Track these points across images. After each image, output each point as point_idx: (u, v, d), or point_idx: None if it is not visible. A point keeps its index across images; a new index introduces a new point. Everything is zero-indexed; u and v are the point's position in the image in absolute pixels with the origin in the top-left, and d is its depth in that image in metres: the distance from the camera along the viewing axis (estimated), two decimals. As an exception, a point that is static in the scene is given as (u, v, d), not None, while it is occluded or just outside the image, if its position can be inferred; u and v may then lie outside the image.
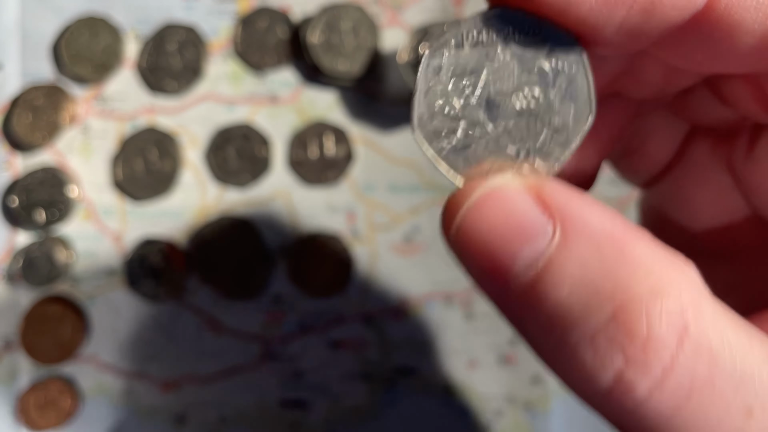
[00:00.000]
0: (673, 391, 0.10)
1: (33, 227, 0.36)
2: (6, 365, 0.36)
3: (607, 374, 0.10)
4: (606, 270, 0.10)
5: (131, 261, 0.36)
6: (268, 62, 0.36)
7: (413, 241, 0.36)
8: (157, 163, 0.35)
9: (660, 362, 0.10)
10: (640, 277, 0.10)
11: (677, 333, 0.10)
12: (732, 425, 0.10)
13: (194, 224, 0.36)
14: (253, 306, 0.36)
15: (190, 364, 0.36)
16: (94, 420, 0.36)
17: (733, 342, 0.10)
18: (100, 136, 0.36)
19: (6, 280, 0.36)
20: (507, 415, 0.36)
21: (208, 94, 0.36)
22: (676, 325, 0.10)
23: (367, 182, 0.36)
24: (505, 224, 0.11)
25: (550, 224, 0.10)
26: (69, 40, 0.36)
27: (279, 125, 0.36)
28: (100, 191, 0.36)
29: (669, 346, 0.10)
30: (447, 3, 0.36)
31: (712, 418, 0.10)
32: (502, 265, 0.11)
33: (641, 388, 0.10)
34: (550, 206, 0.11)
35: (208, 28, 0.36)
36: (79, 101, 0.36)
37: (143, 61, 0.36)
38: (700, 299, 0.10)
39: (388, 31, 0.36)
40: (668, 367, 0.10)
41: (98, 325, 0.36)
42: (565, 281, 0.10)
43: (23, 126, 0.35)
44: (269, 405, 0.36)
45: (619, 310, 0.10)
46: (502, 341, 0.36)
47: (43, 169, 0.35)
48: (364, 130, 0.36)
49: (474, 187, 0.11)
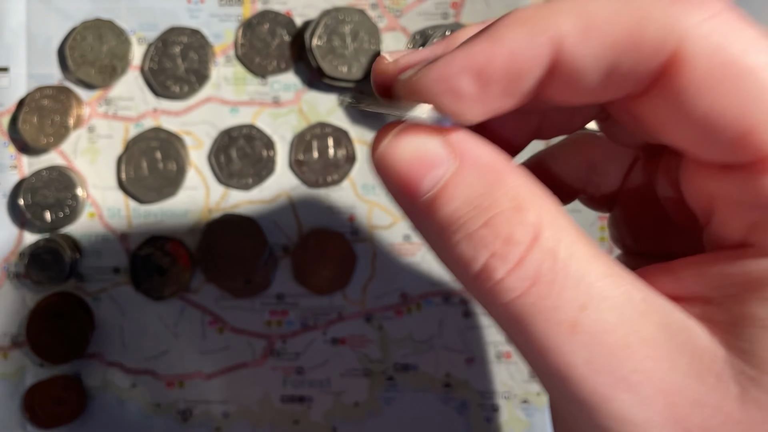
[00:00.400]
0: (520, 279, 0.13)
1: (39, 227, 0.36)
2: (13, 362, 0.37)
3: (477, 263, 0.13)
4: (485, 191, 0.14)
5: (136, 260, 0.36)
6: (270, 65, 0.36)
7: (413, 240, 0.37)
8: (161, 164, 0.36)
9: (513, 256, 0.13)
10: (509, 197, 0.13)
11: (530, 237, 0.13)
12: (567, 314, 0.13)
13: (198, 224, 0.37)
14: (256, 304, 0.37)
15: (194, 361, 0.37)
16: (100, 416, 0.37)
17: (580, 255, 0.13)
18: (105, 137, 0.37)
19: (13, 278, 0.37)
20: (504, 411, 0.37)
21: (212, 96, 0.37)
22: (529, 232, 0.13)
23: (367, 182, 0.37)
24: (416, 155, 0.14)
25: (452, 157, 0.14)
26: (74, 43, 0.36)
27: (281, 127, 0.37)
28: (105, 191, 0.37)
29: (522, 245, 0.13)
30: (446, 7, 0.36)
31: (549, 305, 0.13)
32: (412, 186, 0.14)
33: (498, 273, 0.13)
34: (452, 144, 0.14)
35: (211, 31, 0.37)
36: (85, 103, 0.37)
37: (148, 64, 0.36)
38: (556, 219, 0.14)
39: (389, 34, 0.36)
40: (519, 261, 0.13)
41: (104, 323, 0.37)
42: (456, 198, 0.14)
43: (30, 127, 0.36)
44: (272, 401, 0.37)
45: (491, 219, 0.13)
46: (499, 339, 0.37)
47: (50, 170, 0.36)
48: (364, 132, 0.37)
49: (397, 125, 0.14)
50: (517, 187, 0.14)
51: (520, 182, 0.14)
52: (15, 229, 0.37)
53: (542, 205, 0.14)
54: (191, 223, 0.37)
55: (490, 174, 0.14)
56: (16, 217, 0.37)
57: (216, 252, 0.36)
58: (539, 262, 0.13)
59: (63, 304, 0.36)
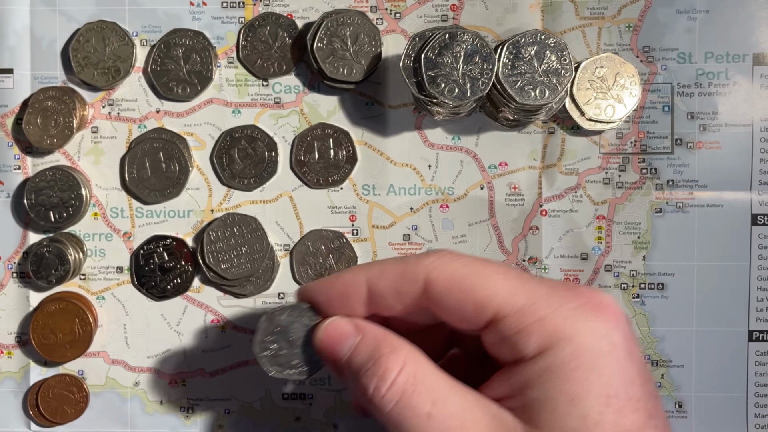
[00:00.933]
0: (396, 392, 0.22)
1: (44, 226, 0.37)
2: (17, 361, 0.37)
3: (371, 388, 0.22)
4: (375, 346, 0.23)
5: (139, 259, 0.37)
6: (272, 67, 0.37)
7: (413, 240, 0.37)
8: (164, 165, 0.37)
9: (389, 379, 0.22)
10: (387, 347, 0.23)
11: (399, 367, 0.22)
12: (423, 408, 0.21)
13: (201, 224, 0.37)
14: (257, 303, 0.37)
15: (196, 359, 0.37)
16: (103, 414, 0.37)
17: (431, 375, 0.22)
18: (108, 138, 0.37)
19: (17, 277, 0.37)
20: (503, 408, 0.37)
21: (214, 97, 0.37)
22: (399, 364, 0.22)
23: (367, 183, 0.37)
24: (336, 334, 0.24)
25: (358, 334, 0.24)
26: (78, 45, 0.37)
27: (283, 128, 0.37)
28: (108, 192, 0.37)
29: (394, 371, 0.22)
30: (446, 10, 0.37)
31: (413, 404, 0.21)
32: (336, 352, 0.24)
33: (381, 391, 0.22)
34: (357, 326, 0.24)
35: (214, 33, 0.37)
36: (89, 105, 0.37)
37: (151, 66, 0.37)
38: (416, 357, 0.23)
39: (389, 37, 0.37)
40: (393, 381, 0.22)
41: (107, 322, 0.37)
42: (360, 354, 0.23)
43: (34, 128, 0.36)
44: (273, 399, 0.37)
45: (377, 360, 0.22)
46: (498, 337, 0.37)
47: (53, 170, 0.36)
48: (364, 133, 0.37)
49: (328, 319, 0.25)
50: (393, 342, 0.23)
51: (395, 339, 0.23)
52: (19, 228, 0.37)
53: (408, 349, 0.23)
54: (194, 223, 0.37)
55: (377, 338, 0.23)
56: (20, 217, 0.37)
57: (218, 252, 0.36)
58: (405, 380, 0.22)
59: (67, 302, 0.36)
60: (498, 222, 0.37)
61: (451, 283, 0.23)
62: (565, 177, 0.37)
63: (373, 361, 0.22)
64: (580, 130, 0.37)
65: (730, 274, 0.37)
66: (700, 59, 0.37)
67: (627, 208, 0.37)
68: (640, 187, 0.37)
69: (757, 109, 0.36)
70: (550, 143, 0.37)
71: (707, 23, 0.36)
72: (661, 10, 0.37)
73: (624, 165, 0.37)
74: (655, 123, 0.37)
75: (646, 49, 0.37)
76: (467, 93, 0.32)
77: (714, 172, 0.37)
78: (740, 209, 0.37)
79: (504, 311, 0.22)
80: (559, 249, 0.37)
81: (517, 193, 0.37)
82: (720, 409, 0.37)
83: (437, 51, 0.32)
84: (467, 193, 0.37)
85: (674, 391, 0.37)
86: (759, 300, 0.37)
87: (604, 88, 0.35)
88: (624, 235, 0.37)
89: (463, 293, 0.22)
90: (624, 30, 0.37)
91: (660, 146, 0.37)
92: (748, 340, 0.37)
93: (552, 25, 0.37)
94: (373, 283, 0.24)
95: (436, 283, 0.23)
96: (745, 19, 0.36)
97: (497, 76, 0.32)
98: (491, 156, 0.37)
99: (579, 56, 0.36)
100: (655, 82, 0.37)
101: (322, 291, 0.25)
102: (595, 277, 0.37)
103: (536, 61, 0.32)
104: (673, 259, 0.37)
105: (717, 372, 0.37)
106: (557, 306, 0.22)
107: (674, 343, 0.37)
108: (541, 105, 0.33)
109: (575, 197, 0.37)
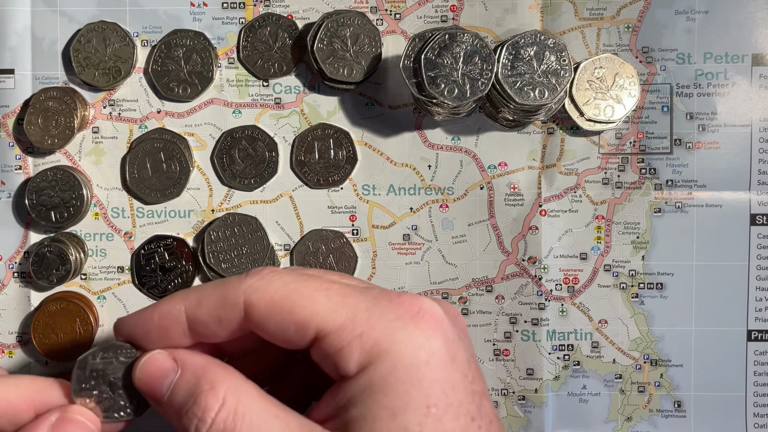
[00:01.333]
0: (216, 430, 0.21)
1: (45, 226, 0.37)
2: (18, 361, 0.37)
3: (192, 425, 0.21)
4: (196, 382, 0.21)
5: (140, 259, 0.37)
6: (272, 68, 0.37)
7: (413, 240, 0.37)
8: (165, 165, 0.37)
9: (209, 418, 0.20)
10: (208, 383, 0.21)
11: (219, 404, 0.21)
12: None
13: (201, 224, 0.37)
14: (258, 302, 0.37)
15: (197, 359, 0.37)
16: (104, 413, 0.37)
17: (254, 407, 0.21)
18: (109, 138, 0.37)
19: (18, 277, 0.37)
20: (502, 407, 0.37)
21: (215, 98, 0.37)
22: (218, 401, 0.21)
23: (367, 183, 0.37)
24: (155, 371, 0.22)
25: (176, 367, 0.22)
26: (79, 45, 0.37)
27: (283, 128, 0.37)
28: (109, 192, 0.37)
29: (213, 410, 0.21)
30: (445, 10, 0.37)
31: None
32: (156, 391, 0.22)
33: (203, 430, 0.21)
34: (177, 359, 0.22)
35: (214, 34, 0.37)
36: (90, 105, 0.37)
37: (151, 66, 0.37)
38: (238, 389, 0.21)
39: (389, 37, 0.37)
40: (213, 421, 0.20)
41: (108, 321, 0.37)
42: (180, 392, 0.21)
43: (35, 129, 0.36)
44: (273, 398, 0.37)
45: (197, 399, 0.21)
46: (497, 337, 0.37)
47: (55, 170, 0.36)
48: (365, 133, 0.37)
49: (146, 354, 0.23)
50: (214, 375, 0.22)
51: (216, 372, 0.22)
52: (20, 228, 0.37)
53: (229, 382, 0.21)
54: (194, 223, 0.37)
55: (198, 371, 0.22)
56: (21, 217, 0.37)
57: (218, 252, 0.36)
58: (224, 418, 0.21)
59: (67, 302, 0.36)
60: (497, 222, 0.37)
61: (271, 305, 0.21)
62: (564, 177, 0.37)
63: (193, 400, 0.21)
64: (579, 131, 0.37)
65: (729, 274, 0.37)
66: (699, 60, 0.37)
67: (626, 208, 0.37)
68: (639, 187, 0.37)
69: (756, 109, 0.37)
70: (549, 143, 0.37)
71: (706, 24, 0.37)
72: (660, 11, 0.37)
73: (623, 165, 0.37)
74: (654, 123, 0.37)
75: (645, 50, 0.37)
76: (467, 93, 0.32)
77: (713, 172, 0.37)
78: (739, 209, 0.37)
79: (325, 329, 0.21)
80: (558, 249, 0.37)
81: (517, 193, 0.37)
82: (719, 409, 0.37)
83: (437, 52, 0.32)
84: (467, 193, 0.37)
85: (673, 391, 0.37)
86: (758, 300, 0.37)
87: (604, 89, 0.36)
88: (623, 235, 0.37)
89: (284, 314, 0.21)
90: (623, 30, 0.37)
91: (659, 146, 0.37)
92: (746, 340, 0.37)
93: (551, 25, 0.37)
94: (192, 312, 0.22)
95: (257, 307, 0.22)
96: (744, 19, 0.36)
97: (497, 77, 0.32)
98: (491, 156, 0.37)
99: (578, 57, 0.36)
100: (654, 82, 0.37)
101: (139, 325, 0.23)
102: (594, 277, 0.37)
103: (535, 62, 0.33)
104: (672, 259, 0.37)
105: (716, 371, 0.37)
106: (377, 319, 0.21)
107: (673, 343, 0.37)
108: (541, 105, 0.33)
109: (574, 197, 0.37)
